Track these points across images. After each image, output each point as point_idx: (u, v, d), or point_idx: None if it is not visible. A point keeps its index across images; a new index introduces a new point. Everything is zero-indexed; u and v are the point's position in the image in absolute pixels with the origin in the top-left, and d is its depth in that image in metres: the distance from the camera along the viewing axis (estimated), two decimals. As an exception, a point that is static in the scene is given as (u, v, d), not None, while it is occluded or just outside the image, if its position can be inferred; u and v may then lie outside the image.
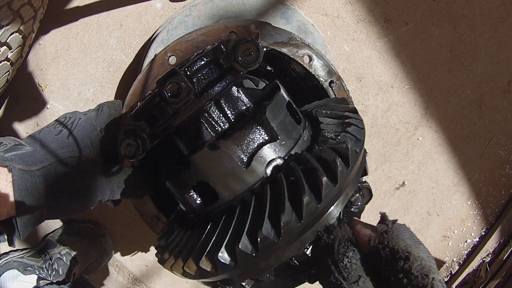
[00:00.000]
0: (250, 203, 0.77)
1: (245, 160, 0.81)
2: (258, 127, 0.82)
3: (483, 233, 2.02)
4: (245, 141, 0.81)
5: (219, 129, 0.87)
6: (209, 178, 0.81)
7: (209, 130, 0.86)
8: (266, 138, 0.82)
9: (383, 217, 0.67)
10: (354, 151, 0.76)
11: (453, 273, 2.06)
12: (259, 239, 0.68)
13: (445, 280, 2.08)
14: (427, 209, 1.91)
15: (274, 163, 0.82)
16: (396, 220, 0.68)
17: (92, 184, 0.99)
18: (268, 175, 0.81)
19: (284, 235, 0.68)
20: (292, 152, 0.84)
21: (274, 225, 0.69)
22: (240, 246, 0.68)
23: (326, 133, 0.84)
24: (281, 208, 0.70)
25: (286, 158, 0.83)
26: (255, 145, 0.82)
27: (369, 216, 1.81)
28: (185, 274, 0.79)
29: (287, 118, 0.87)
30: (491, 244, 1.99)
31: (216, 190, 0.82)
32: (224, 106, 0.87)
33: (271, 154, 0.82)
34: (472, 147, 1.82)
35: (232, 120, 0.87)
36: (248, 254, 0.69)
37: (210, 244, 0.74)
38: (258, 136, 0.82)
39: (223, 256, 0.70)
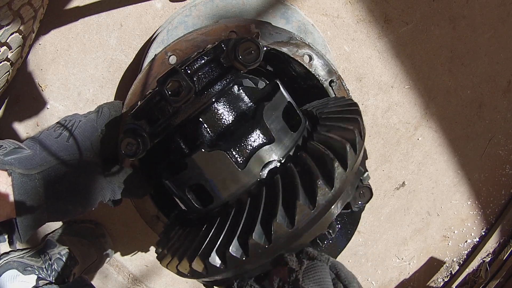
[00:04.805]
0: (245, 205, 0.77)
1: (241, 162, 0.81)
2: (256, 128, 0.82)
3: (483, 233, 2.02)
4: (242, 143, 0.81)
5: (219, 128, 0.86)
6: (205, 178, 0.81)
7: (209, 129, 0.86)
8: (264, 139, 0.82)
9: (283, 258, 0.70)
10: (352, 152, 0.75)
11: (453, 273, 2.06)
12: (249, 245, 0.68)
13: (445, 280, 2.08)
14: (427, 209, 1.91)
15: (270, 166, 0.82)
16: (308, 256, 0.69)
17: (92, 186, 0.99)
18: (263, 177, 0.81)
19: (275, 240, 0.68)
20: (291, 153, 0.83)
21: (266, 230, 0.69)
22: (230, 251, 0.69)
23: (325, 131, 0.84)
24: (273, 213, 0.69)
25: (283, 159, 0.82)
26: (252, 147, 0.81)
27: (369, 216, 1.81)
28: (179, 273, 0.79)
29: (285, 119, 0.86)
30: (491, 244, 1.99)
31: (211, 192, 0.82)
32: (225, 105, 0.87)
33: (268, 156, 0.81)
34: (472, 147, 1.82)
35: (233, 119, 0.87)
36: (238, 258, 0.69)
37: (203, 246, 0.74)
38: (256, 137, 0.82)
39: (214, 259, 0.71)
